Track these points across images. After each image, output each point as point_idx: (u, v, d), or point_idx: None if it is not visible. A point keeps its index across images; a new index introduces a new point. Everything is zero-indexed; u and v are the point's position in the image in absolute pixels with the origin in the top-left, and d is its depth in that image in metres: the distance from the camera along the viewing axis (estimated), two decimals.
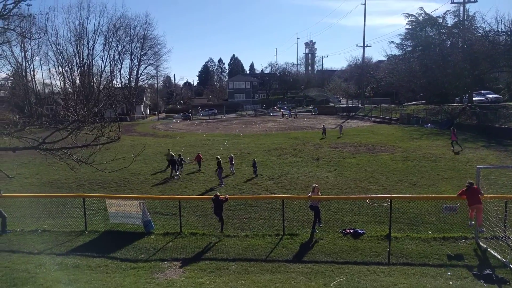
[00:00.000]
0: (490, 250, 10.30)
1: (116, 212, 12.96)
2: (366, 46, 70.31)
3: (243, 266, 10.04)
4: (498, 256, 9.95)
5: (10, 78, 74.76)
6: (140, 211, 12.63)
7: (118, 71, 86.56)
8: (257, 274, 9.58)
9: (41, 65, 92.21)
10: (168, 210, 14.92)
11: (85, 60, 78.96)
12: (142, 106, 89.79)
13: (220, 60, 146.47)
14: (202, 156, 23.34)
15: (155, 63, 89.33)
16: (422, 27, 54.15)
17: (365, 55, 77.27)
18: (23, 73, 74.60)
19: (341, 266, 9.80)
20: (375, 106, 59.98)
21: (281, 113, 68.86)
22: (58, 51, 76.66)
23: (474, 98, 42.05)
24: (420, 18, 54.23)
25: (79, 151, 9.27)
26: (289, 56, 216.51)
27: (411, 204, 14.00)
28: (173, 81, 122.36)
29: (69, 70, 78.18)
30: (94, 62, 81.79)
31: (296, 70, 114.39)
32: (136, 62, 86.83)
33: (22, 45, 71.43)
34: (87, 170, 15.08)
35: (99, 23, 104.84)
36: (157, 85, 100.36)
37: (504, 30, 40.00)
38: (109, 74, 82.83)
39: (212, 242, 11.63)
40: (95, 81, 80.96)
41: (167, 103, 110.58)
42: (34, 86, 78.26)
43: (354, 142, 31.46)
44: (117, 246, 11.54)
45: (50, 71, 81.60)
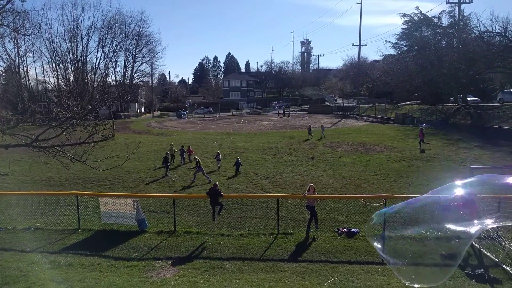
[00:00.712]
0: (483, 250, 10.37)
1: (109, 211, 12.86)
2: (362, 45, 70.61)
3: (237, 265, 10.02)
4: (491, 256, 10.02)
5: (3, 74, 74.11)
6: (133, 210, 12.56)
7: (112, 68, 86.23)
8: (251, 273, 9.57)
9: (34, 61, 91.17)
10: (162, 209, 14.85)
11: (79, 57, 78.49)
12: (136, 103, 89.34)
13: (215, 58, 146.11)
14: (192, 150, 24.72)
15: (150, 61, 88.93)
16: (417, 27, 54.42)
17: (360, 55, 77.32)
18: (16, 69, 73.91)
19: (335, 266, 9.81)
20: (371, 105, 60.18)
21: (277, 112, 68.99)
22: (52, 48, 76.11)
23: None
24: (415, 18, 54.49)
25: (73, 149, 9.18)
26: (285, 54, 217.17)
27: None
28: (168, 79, 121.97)
29: (63, 67, 77.69)
30: (88, 59, 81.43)
31: (292, 69, 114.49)
32: (130, 59, 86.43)
33: (16, 41, 70.71)
34: (81, 168, 14.94)
35: (94, 20, 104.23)
36: (152, 82, 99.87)
37: (498, 30, 40.31)
38: (103, 71, 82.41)
39: (206, 241, 11.59)
40: (89, 78, 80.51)
41: (162, 101, 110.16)
42: (27, 82, 77.61)
43: (349, 141, 31.54)
44: (110, 245, 11.47)
45: (43, 68, 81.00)
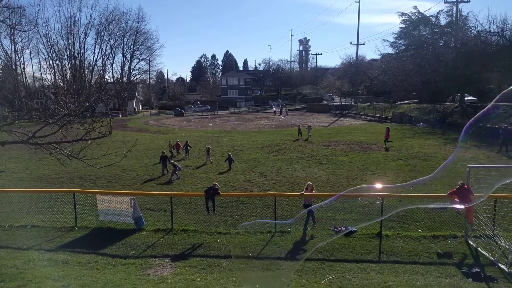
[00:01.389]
0: (479, 249, 10.41)
1: (106, 209, 12.85)
2: (360, 44, 70.53)
3: (235, 263, 10.02)
4: (487, 254, 10.06)
5: (0, 71, 73.67)
6: (130, 208, 12.54)
7: (110, 66, 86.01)
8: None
9: (31, 58, 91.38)
10: (159, 207, 14.83)
11: (76, 53, 78.10)
12: (134, 101, 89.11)
13: (213, 56, 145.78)
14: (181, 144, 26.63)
15: (148, 58, 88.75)
16: (415, 26, 54.49)
17: (358, 53, 77.66)
18: (13, 66, 73.53)
19: (332, 264, 9.84)
20: (368, 104, 60.23)
21: (273, 110, 68.98)
22: (49, 44, 75.66)
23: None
24: (413, 17, 54.55)
25: (70, 146, 9.14)
26: (283, 53, 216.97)
27: (402, 202, 14.06)
28: (166, 76, 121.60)
29: (60, 63, 77.27)
30: (85, 56, 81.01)
31: (290, 67, 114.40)
32: (128, 56, 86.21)
33: (12, 37, 70.46)
34: (78, 165, 14.95)
35: (91, 17, 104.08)
36: (149, 80, 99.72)
37: (496, 30, 40.43)
38: (100, 68, 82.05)
39: (203, 239, 11.59)
40: (87, 75, 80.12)
41: (160, 99, 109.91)
42: (24, 79, 77.22)
43: (347, 140, 31.58)
44: (107, 242, 11.46)
45: (40, 65, 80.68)
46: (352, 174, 19.43)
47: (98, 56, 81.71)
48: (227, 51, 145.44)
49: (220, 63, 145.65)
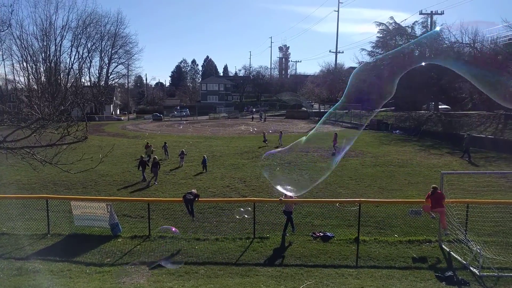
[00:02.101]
0: (452, 253, 10.70)
1: (81, 214, 12.50)
2: (339, 52, 72.02)
3: (213, 269, 9.94)
4: (459, 258, 10.35)
5: None
6: (107, 214, 12.25)
7: (87, 69, 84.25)
8: (226, 277, 9.51)
9: (3, 60, 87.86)
10: (136, 213, 14.56)
11: (51, 56, 76.25)
12: (111, 105, 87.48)
13: (193, 61, 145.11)
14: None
15: (126, 62, 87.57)
16: (392, 36, 55.89)
17: (337, 61, 78.80)
18: None
19: (310, 269, 9.89)
20: (346, 111, 61.21)
21: (251, 116, 69.38)
22: (23, 46, 73.61)
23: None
24: (390, 27, 55.97)
25: (43, 151, 8.87)
26: (263, 59, 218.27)
27: (379, 208, 14.33)
28: (144, 81, 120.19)
29: (34, 66, 75.22)
30: (61, 59, 79.20)
31: (269, 74, 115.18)
32: (106, 60, 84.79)
33: None
34: (52, 170, 14.52)
35: (68, 19, 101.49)
36: (127, 84, 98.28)
37: (467, 41, 41.97)
38: (77, 71, 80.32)
39: (181, 246, 11.43)
40: (62, 78, 78.25)
41: (138, 103, 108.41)
42: None
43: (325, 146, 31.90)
44: (82, 250, 11.14)
45: (13, 67, 77.89)
46: (330, 180, 19.61)
47: (74, 59, 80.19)
48: (207, 57, 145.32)
49: (200, 69, 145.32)
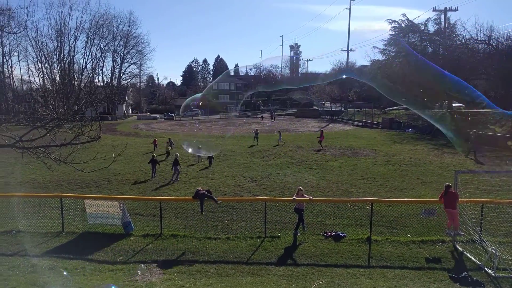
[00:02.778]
0: (466, 253, 10.53)
1: (95, 213, 12.67)
2: (350, 50, 71.48)
3: (224, 268, 9.96)
4: (474, 259, 10.17)
5: None
6: (119, 212, 12.39)
7: (100, 69, 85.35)
8: (237, 276, 9.52)
9: (19, 61, 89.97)
10: (148, 212, 14.69)
11: (66, 57, 77.46)
12: (124, 105, 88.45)
13: (204, 60, 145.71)
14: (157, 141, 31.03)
15: (139, 62, 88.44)
16: (404, 34, 55.19)
17: (349, 59, 78.19)
18: (1, 68, 72.48)
19: (321, 269, 9.84)
20: (358, 110, 60.77)
21: (261, 115, 69.44)
22: (38, 47, 75.03)
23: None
24: (403, 25, 55.26)
25: (58, 150, 9.01)
26: (274, 58, 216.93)
27: (392, 207, 14.19)
28: (156, 80, 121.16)
29: (49, 66, 76.59)
30: (75, 60, 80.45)
31: (281, 72, 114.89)
32: (119, 60, 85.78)
33: (0, 39, 69.48)
34: (66, 169, 14.73)
35: (82, 20, 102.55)
36: (139, 84, 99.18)
37: (482, 38, 41.23)
38: (90, 72, 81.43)
39: (193, 244, 11.50)
40: (76, 79, 79.45)
41: (150, 103, 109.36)
42: (12, 82, 76.16)
43: (337, 145, 31.77)
44: (95, 248, 11.28)
45: (29, 68, 79.49)
46: (342, 179, 19.52)
47: (88, 59, 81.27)
48: (218, 56, 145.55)
49: (211, 68, 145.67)
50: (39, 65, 76.30)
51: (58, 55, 77.06)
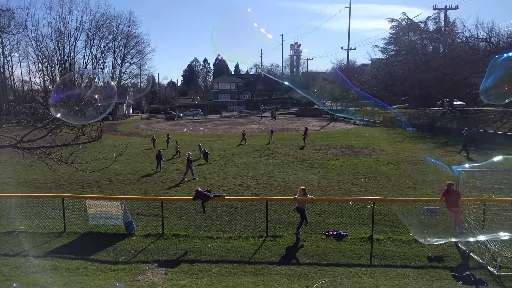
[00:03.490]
0: (469, 252, 10.50)
1: (96, 213, 12.66)
2: (351, 49, 71.26)
3: (226, 268, 9.96)
4: (476, 257, 10.15)
5: None
6: (121, 212, 12.39)
7: (100, 69, 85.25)
8: (239, 276, 9.52)
9: (20, 61, 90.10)
10: (150, 211, 14.69)
11: (66, 57, 77.48)
12: (124, 105, 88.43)
13: (205, 60, 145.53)
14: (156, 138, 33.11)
15: (139, 62, 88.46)
16: (405, 32, 55.20)
17: (349, 58, 78.04)
18: (1, 69, 72.56)
19: (323, 268, 9.82)
20: (359, 109, 60.67)
21: (260, 115, 69.42)
22: (38, 48, 75.00)
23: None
24: (403, 23, 55.30)
25: (59, 150, 9.02)
26: (274, 57, 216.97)
27: (393, 206, 14.15)
28: (157, 80, 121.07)
29: (49, 67, 76.60)
30: (75, 60, 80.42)
31: (281, 71, 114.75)
32: (119, 60, 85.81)
33: (0, 40, 69.55)
34: (67, 170, 14.71)
35: (81, 20, 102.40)
36: (140, 84, 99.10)
37: (483, 36, 41.09)
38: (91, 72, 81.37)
39: (194, 244, 11.49)
40: (77, 79, 79.39)
41: (151, 103, 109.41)
42: (13, 83, 76.23)
43: (338, 144, 31.75)
44: (97, 248, 11.28)
45: (29, 68, 79.73)
46: (343, 178, 19.50)
47: (88, 59, 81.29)
48: (219, 55, 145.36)
49: (211, 67, 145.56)
50: (40, 65, 76.45)
51: (58, 56, 77.19)
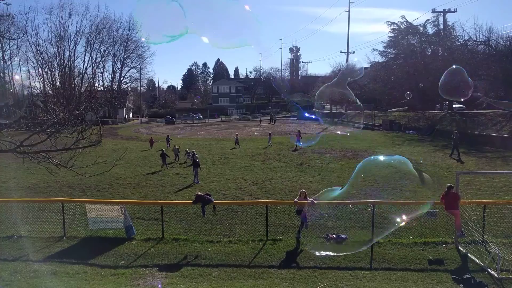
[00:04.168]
0: (469, 255, 10.48)
1: (96, 217, 12.62)
2: (350, 52, 71.22)
3: (226, 272, 9.94)
4: (477, 260, 10.13)
5: None
6: (121, 216, 12.37)
7: (100, 74, 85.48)
8: (240, 280, 9.50)
9: (20, 66, 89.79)
10: (150, 215, 14.66)
11: (66, 61, 77.57)
12: (124, 109, 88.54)
13: (204, 64, 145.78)
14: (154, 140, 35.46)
15: (139, 66, 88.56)
16: (404, 35, 55.31)
17: (348, 62, 78.23)
18: (1, 74, 72.60)
19: (324, 272, 9.81)
20: (358, 112, 60.76)
21: (259, 119, 69.47)
22: (38, 52, 74.99)
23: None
24: (402, 27, 55.39)
25: (59, 155, 9.01)
26: (273, 61, 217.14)
27: (393, 209, 14.12)
28: (156, 84, 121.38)
29: (49, 71, 76.58)
30: (75, 64, 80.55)
31: (280, 75, 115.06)
32: (119, 64, 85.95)
33: (0, 45, 69.67)
34: (67, 174, 14.71)
35: (81, 25, 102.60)
36: (140, 88, 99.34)
37: (482, 39, 41.25)
38: (90, 76, 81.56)
39: (194, 248, 11.48)
40: (76, 83, 79.46)
41: (150, 107, 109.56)
42: (13, 87, 76.25)
43: (338, 147, 31.75)
44: (97, 252, 11.26)
45: (29, 73, 79.69)
46: (343, 182, 19.45)
47: (88, 64, 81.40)
48: (218, 59, 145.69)
49: (211, 71, 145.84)
50: (40, 70, 76.42)
51: (58, 60, 77.23)
